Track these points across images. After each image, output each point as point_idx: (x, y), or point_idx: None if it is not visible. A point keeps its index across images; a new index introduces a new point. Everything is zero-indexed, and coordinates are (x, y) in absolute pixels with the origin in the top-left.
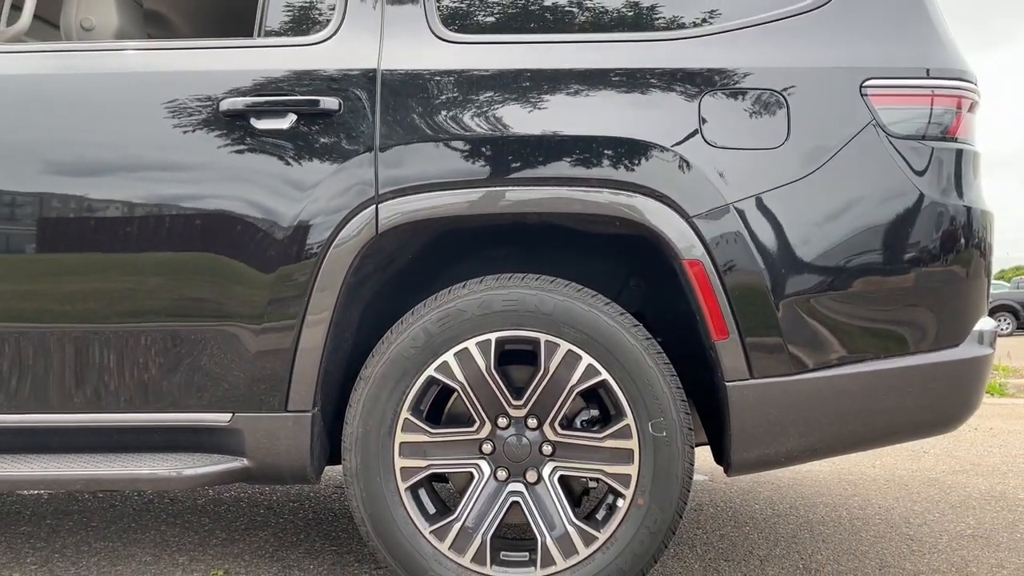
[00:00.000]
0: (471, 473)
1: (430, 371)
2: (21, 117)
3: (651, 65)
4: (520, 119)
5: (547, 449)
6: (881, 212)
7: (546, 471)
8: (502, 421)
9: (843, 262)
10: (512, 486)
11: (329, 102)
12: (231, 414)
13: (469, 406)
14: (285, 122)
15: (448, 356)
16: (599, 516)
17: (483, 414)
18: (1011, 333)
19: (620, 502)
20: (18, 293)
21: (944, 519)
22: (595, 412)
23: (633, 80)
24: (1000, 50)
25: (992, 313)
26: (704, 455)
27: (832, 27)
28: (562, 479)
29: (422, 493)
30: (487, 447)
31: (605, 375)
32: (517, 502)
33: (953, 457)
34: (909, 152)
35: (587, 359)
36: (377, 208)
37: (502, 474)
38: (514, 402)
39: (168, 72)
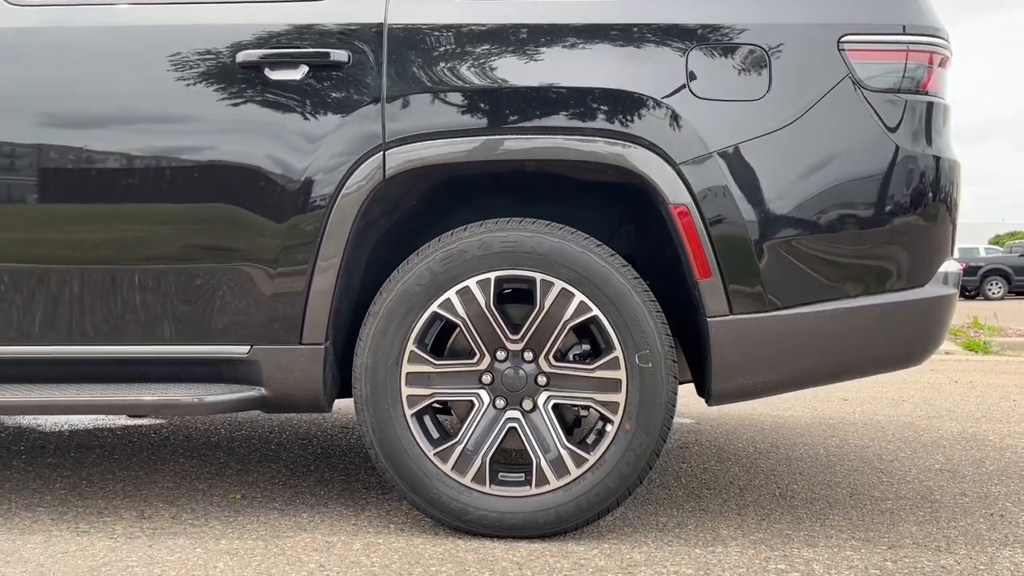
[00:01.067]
0: (472, 402)
1: (434, 307)
2: (40, 70)
3: (643, 20)
4: (520, 71)
5: (542, 380)
6: (855, 160)
7: (541, 400)
8: (500, 354)
9: (819, 206)
10: (509, 413)
11: (339, 54)
12: (249, 346)
13: (470, 340)
14: (298, 73)
15: (451, 294)
16: (589, 441)
17: (483, 348)
18: (1002, 296)
19: (608, 427)
20: (58, 236)
21: (915, 456)
22: (586, 347)
23: (627, 34)
24: (1001, 14)
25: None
26: (692, 403)
27: None
28: (555, 407)
29: (427, 419)
30: (486, 378)
31: (596, 311)
32: (514, 428)
33: (930, 405)
34: (883, 104)
35: (579, 297)
36: (384, 155)
37: (500, 403)
38: (512, 337)
39: (186, 25)
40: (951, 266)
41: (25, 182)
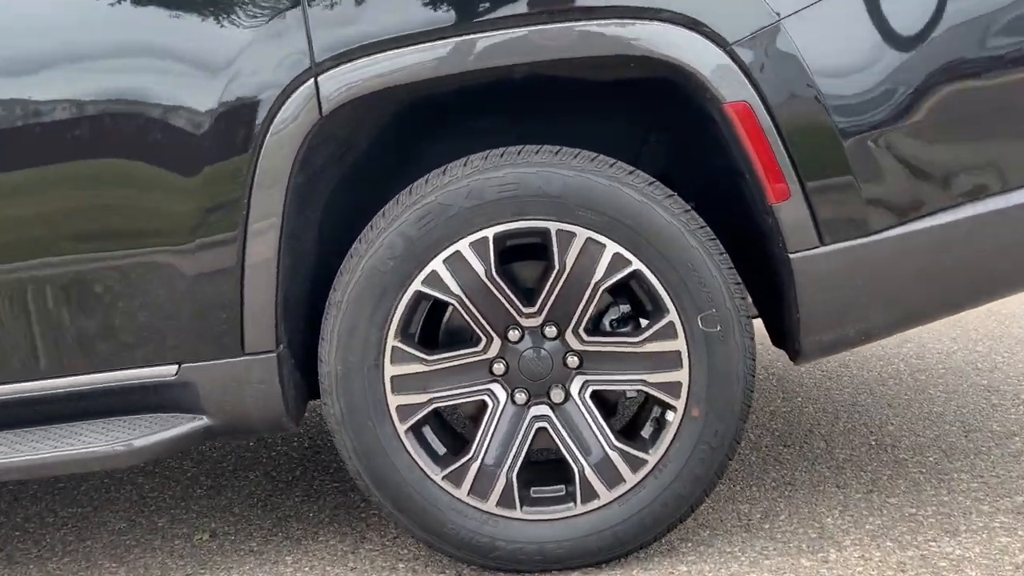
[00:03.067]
0: (483, 401)
1: (416, 285)
2: None
3: None
4: None
5: (572, 361)
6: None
7: (575, 387)
8: (513, 334)
9: (929, 77)
10: (535, 410)
11: None
12: (177, 365)
13: (471, 321)
14: None
15: (436, 264)
16: (645, 434)
17: (489, 329)
18: None
19: (670, 415)
20: None
21: (1014, 359)
22: (626, 308)
23: None
24: None
25: None
26: None
27: None
28: (595, 395)
29: (427, 432)
30: (499, 367)
31: (637, 264)
32: (543, 428)
33: None
34: None
35: (612, 247)
36: (316, 82)
37: (521, 397)
38: (525, 309)
39: None
40: None
41: None
